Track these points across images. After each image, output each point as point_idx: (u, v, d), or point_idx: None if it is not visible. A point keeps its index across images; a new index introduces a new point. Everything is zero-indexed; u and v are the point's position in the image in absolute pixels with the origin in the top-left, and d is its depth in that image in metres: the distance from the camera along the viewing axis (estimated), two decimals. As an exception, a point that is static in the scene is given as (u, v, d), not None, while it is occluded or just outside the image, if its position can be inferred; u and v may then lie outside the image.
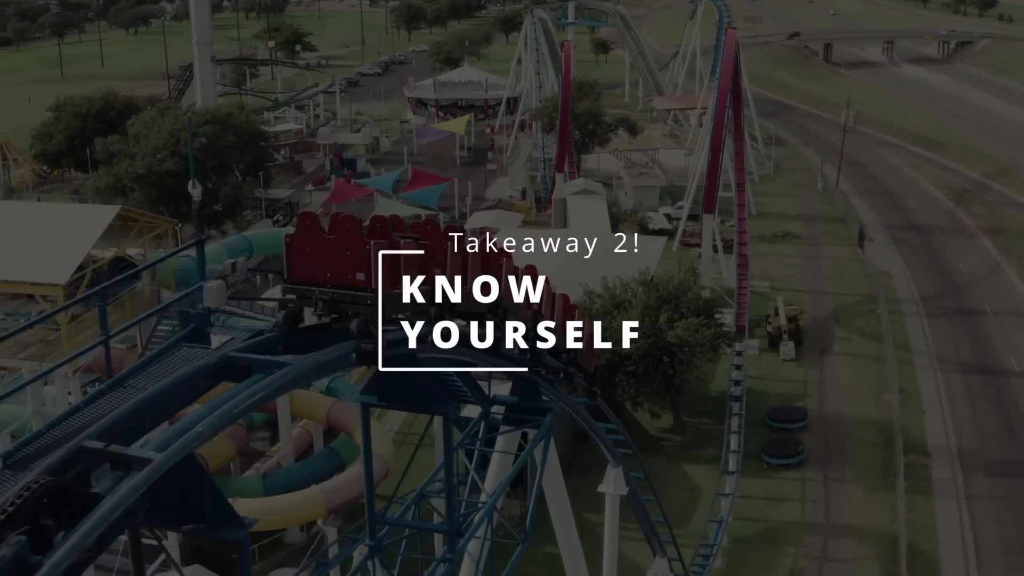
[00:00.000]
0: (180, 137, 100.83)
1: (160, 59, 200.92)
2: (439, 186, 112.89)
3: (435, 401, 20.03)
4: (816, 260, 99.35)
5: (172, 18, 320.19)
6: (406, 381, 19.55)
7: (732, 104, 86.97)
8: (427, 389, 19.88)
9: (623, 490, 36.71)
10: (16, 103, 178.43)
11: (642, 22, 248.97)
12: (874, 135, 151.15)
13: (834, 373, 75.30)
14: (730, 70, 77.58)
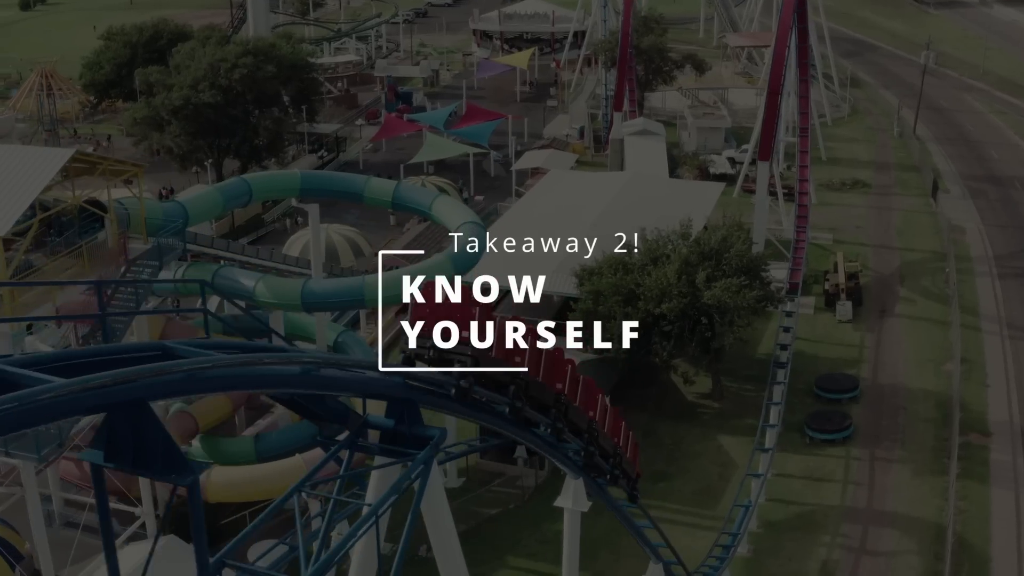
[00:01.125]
0: (220, 68, 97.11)
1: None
2: (492, 123, 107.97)
3: (173, 467, 15.39)
4: (885, 211, 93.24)
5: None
6: (139, 440, 15.05)
7: (797, 42, 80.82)
8: (163, 452, 15.31)
9: (583, 507, 31.96)
10: (80, 31, 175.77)
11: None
12: (958, 78, 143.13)
13: (893, 338, 69.78)
14: (792, 4, 71.47)
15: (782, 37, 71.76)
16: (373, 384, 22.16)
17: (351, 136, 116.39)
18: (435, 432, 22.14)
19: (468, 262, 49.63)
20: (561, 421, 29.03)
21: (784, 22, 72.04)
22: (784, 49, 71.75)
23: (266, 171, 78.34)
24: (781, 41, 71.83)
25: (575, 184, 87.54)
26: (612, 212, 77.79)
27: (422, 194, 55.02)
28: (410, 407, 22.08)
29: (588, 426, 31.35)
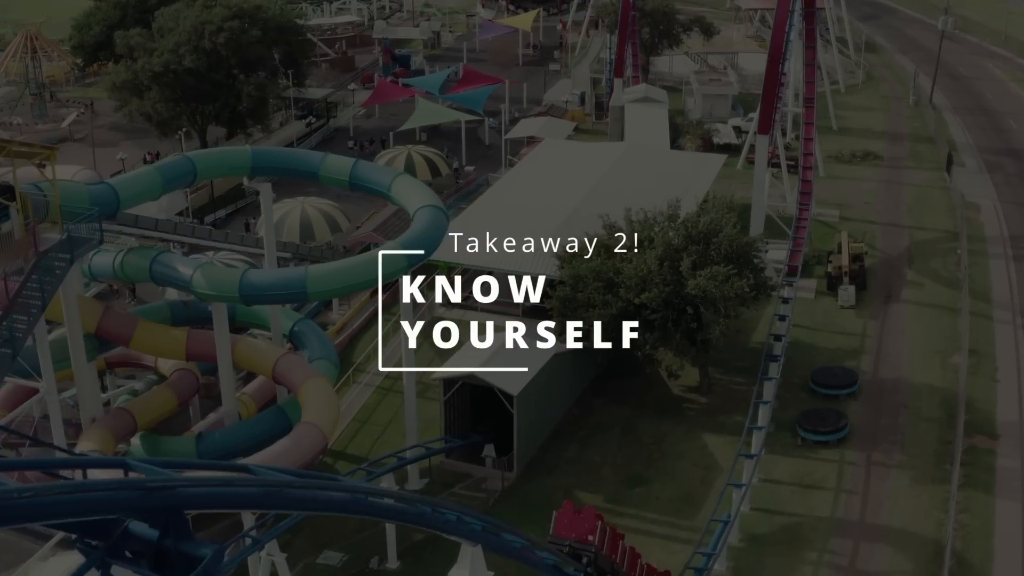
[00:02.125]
0: (204, 31, 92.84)
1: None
2: (488, 88, 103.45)
3: None
4: (896, 186, 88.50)
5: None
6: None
7: (803, 6, 75.94)
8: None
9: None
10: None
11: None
12: (978, 44, 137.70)
13: (898, 325, 65.39)
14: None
15: (784, 2, 66.95)
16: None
17: (344, 101, 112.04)
18: (206, 552, 17.96)
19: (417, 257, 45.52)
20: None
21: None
22: (786, 13, 67.04)
23: (213, 148, 73.31)
24: (783, 4, 66.99)
25: (568, 155, 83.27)
26: (603, 186, 73.72)
27: (381, 173, 50.88)
28: (176, 517, 17.80)
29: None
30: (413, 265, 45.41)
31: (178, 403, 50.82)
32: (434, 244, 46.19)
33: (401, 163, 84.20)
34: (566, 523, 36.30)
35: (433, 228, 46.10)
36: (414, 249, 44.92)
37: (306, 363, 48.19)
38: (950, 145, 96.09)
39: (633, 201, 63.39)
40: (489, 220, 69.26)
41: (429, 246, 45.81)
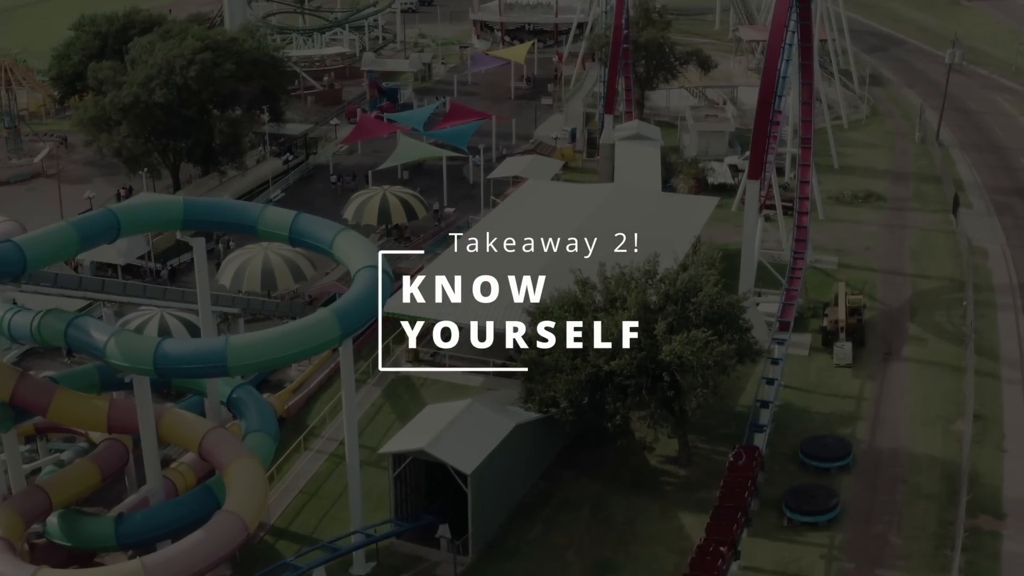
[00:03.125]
0: (175, 65, 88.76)
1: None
2: (473, 124, 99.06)
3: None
4: (899, 229, 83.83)
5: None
6: None
7: (800, 40, 71.39)
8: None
9: None
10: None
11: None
12: (988, 77, 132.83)
13: (898, 387, 60.61)
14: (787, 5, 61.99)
15: (775, 36, 62.30)
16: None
17: (326, 136, 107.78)
18: None
19: (358, 318, 40.92)
20: None
21: (779, 18, 62.51)
22: (779, 48, 62.32)
23: (142, 198, 68.38)
24: (775, 40, 62.37)
25: (551, 197, 78.90)
26: (584, 233, 69.10)
27: (323, 228, 46.28)
28: None
29: None
30: (349, 334, 40.82)
31: (102, 478, 46.43)
32: (372, 311, 41.66)
33: (375, 205, 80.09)
34: None
35: (373, 292, 41.50)
36: (350, 317, 40.30)
37: (235, 440, 43.56)
38: (957, 185, 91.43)
39: (614, 250, 59.22)
40: (459, 269, 65.03)
41: (366, 313, 41.23)
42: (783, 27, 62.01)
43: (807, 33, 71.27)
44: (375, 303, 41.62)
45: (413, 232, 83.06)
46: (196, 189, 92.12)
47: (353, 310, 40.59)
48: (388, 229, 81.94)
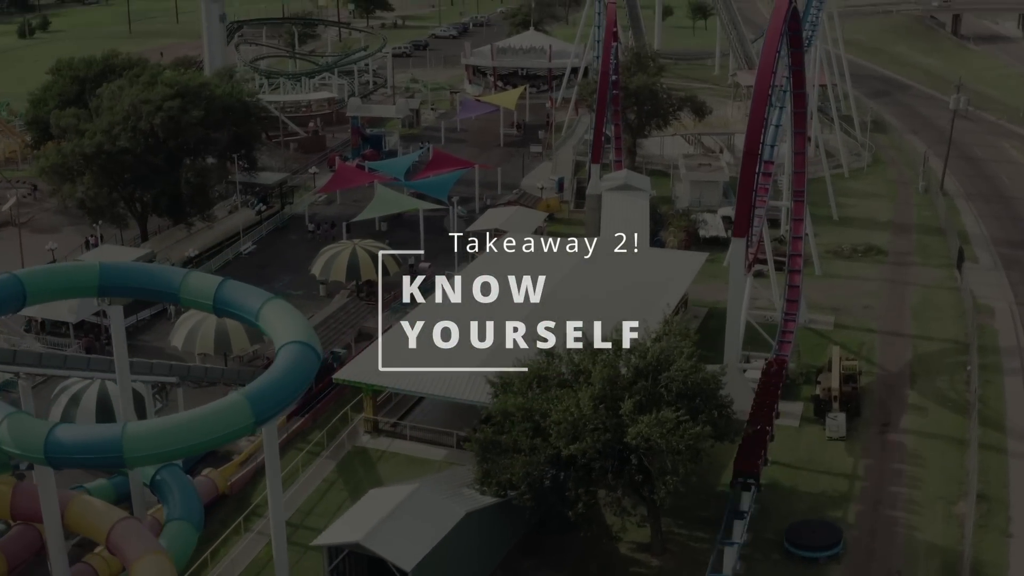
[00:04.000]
0: (141, 111, 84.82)
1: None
2: (455, 173, 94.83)
3: None
4: (900, 286, 79.18)
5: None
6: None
7: (792, 87, 67.07)
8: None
9: None
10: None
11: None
12: (995, 123, 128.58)
13: (895, 463, 55.84)
14: (776, 42, 57.43)
15: (762, 83, 57.75)
16: None
17: (305, 186, 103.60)
18: None
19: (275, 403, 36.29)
20: None
21: (765, 63, 57.98)
22: (765, 97, 57.75)
23: (51, 265, 63.57)
24: (761, 87, 57.83)
25: (530, 252, 74.34)
26: (560, 293, 64.80)
27: (250, 297, 41.69)
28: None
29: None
30: (265, 421, 36.17)
31: (7, 568, 41.81)
32: (292, 394, 37.02)
33: (344, 260, 75.85)
34: None
35: (295, 374, 36.90)
36: (266, 401, 35.69)
37: (144, 534, 38.91)
38: (962, 237, 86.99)
39: (590, 313, 54.81)
40: (423, 332, 60.73)
41: (285, 397, 36.59)
42: (770, 73, 57.57)
43: (800, 79, 66.87)
44: (296, 385, 37.00)
45: (385, 288, 78.59)
46: (163, 241, 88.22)
47: (269, 394, 35.93)
48: (359, 285, 77.45)
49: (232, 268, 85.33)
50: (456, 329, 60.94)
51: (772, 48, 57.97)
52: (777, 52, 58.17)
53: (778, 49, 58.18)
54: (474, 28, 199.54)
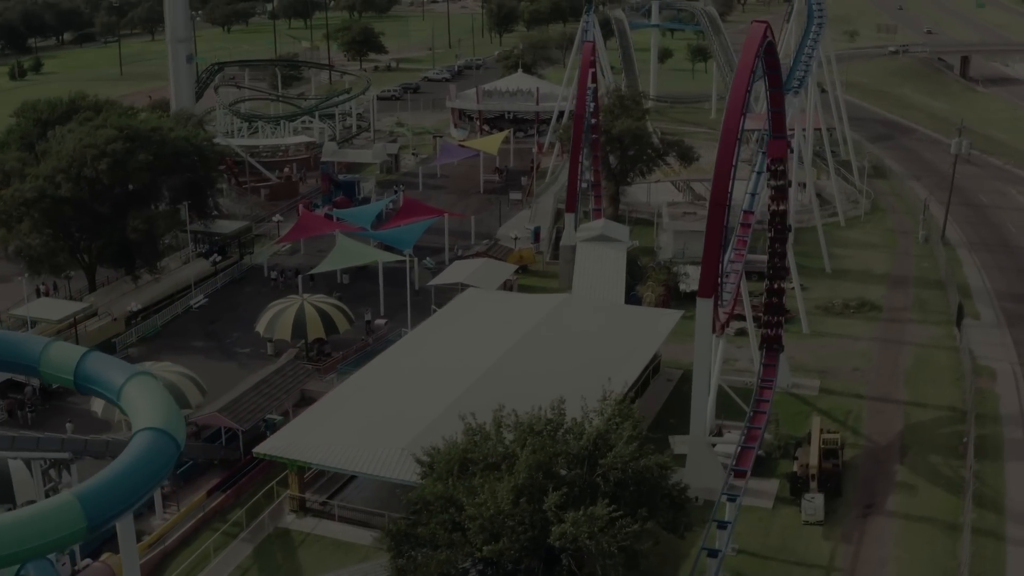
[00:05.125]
0: (86, 156, 79.59)
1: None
2: (423, 223, 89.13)
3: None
4: (894, 345, 73.14)
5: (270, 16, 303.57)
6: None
7: (772, 130, 61.40)
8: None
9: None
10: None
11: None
12: (1002, 167, 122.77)
13: (878, 551, 49.63)
14: (746, 79, 51.66)
15: (729, 128, 51.90)
16: None
17: (269, 234, 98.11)
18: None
19: (115, 504, 30.39)
20: None
21: (732, 106, 52.17)
22: (732, 144, 51.91)
23: None
24: (729, 131, 51.92)
25: (490, 310, 69.02)
26: (513, 358, 59.17)
27: (114, 371, 35.77)
28: None
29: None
30: (101, 526, 30.23)
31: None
32: (138, 492, 31.06)
33: (290, 317, 70.18)
34: None
35: (142, 468, 31.00)
36: (103, 502, 29.78)
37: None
38: (963, 290, 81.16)
39: (542, 381, 49.33)
40: (359, 400, 55.13)
41: (127, 497, 30.64)
42: (739, 114, 51.76)
43: (779, 122, 61.14)
44: (143, 482, 31.08)
45: (335, 347, 73.01)
46: (108, 293, 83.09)
47: (108, 493, 30.01)
48: (307, 344, 71.77)
49: (180, 323, 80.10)
50: (395, 397, 55.56)
51: (742, 86, 52.20)
52: (749, 91, 52.30)
53: (749, 88, 52.28)
54: (468, 71, 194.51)
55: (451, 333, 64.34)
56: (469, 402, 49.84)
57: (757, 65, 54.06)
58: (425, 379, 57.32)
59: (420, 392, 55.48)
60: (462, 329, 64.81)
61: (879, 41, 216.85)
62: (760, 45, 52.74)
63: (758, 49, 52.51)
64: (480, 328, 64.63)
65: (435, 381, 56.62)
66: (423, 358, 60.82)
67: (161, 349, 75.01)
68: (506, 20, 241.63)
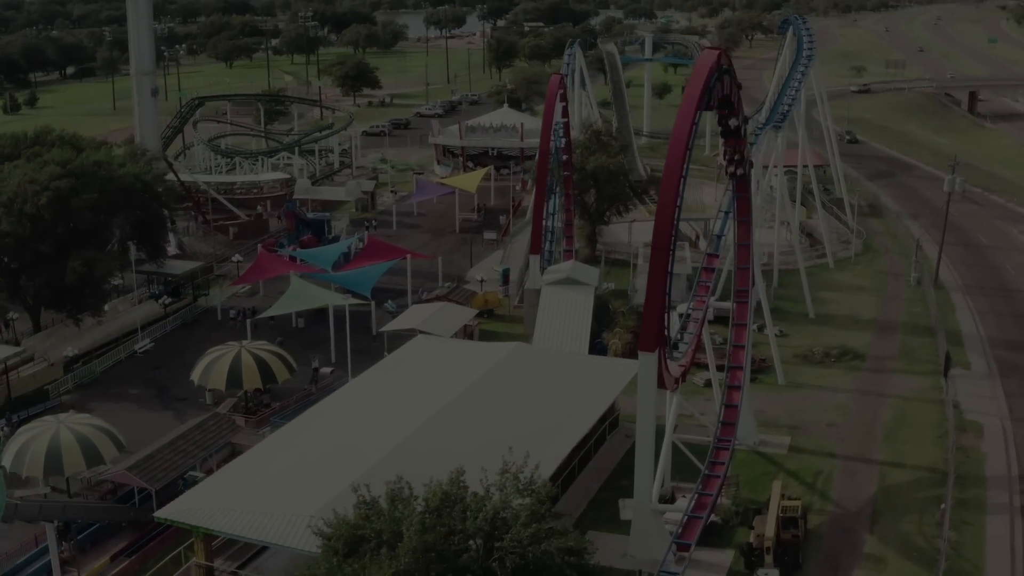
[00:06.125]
0: (27, 192, 75.53)
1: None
2: (383, 265, 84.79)
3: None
4: (875, 398, 68.10)
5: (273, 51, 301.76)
6: None
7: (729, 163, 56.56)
8: None
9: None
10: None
11: (767, 63, 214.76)
12: (1004, 205, 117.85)
13: (837, 635, 44.46)
14: (690, 119, 46.76)
15: (671, 167, 46.99)
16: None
17: (229, 274, 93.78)
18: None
19: None
20: None
21: (676, 139, 47.27)
22: (676, 182, 46.91)
23: None
24: (671, 171, 47.01)
25: (435, 359, 64.26)
26: (453, 411, 54.39)
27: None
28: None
29: None
30: None
31: None
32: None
33: (225, 366, 65.65)
34: None
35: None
36: None
37: None
38: (954, 337, 76.27)
39: (476, 441, 45.02)
40: (278, 460, 50.61)
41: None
42: (683, 151, 46.97)
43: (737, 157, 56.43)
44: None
45: (278, 396, 68.48)
46: (50, 336, 79.22)
47: None
48: (247, 395, 67.22)
49: (121, 369, 75.96)
50: (316, 456, 50.93)
51: (687, 119, 47.35)
52: (695, 123, 47.58)
53: (696, 120, 47.57)
54: (463, 106, 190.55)
55: (389, 385, 59.69)
56: (390, 465, 45.18)
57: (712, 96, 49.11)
58: (351, 436, 52.74)
59: (342, 451, 50.82)
60: (401, 381, 60.15)
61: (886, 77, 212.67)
62: (711, 74, 47.97)
63: (708, 79, 47.70)
64: (420, 380, 59.96)
65: (361, 439, 52.02)
66: (355, 412, 56.27)
67: (95, 397, 70.93)
68: (506, 55, 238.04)
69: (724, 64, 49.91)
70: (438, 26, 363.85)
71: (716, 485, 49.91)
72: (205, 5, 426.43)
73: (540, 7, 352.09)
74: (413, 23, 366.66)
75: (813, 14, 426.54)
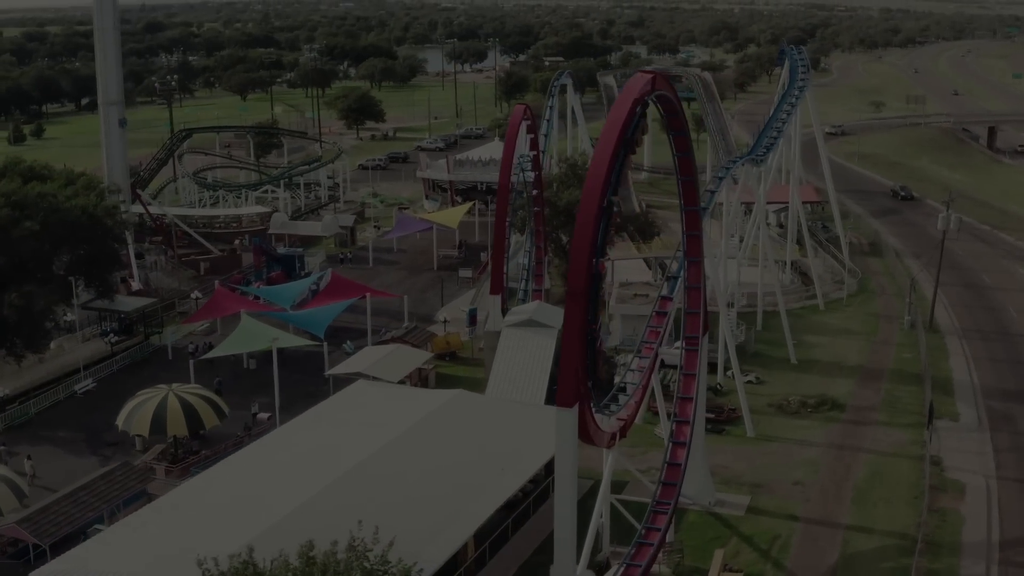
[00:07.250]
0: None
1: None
2: (340, 304, 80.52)
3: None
4: (850, 453, 63.02)
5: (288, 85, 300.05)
6: None
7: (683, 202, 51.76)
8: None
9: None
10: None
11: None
12: (1014, 244, 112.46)
13: None
14: (610, 151, 41.45)
15: (587, 203, 41.99)
16: None
17: (189, 310, 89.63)
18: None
19: None
20: None
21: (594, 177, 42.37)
22: (592, 222, 41.65)
23: None
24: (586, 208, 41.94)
25: (369, 407, 59.71)
26: (366, 470, 49.82)
27: None
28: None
29: None
30: None
31: None
32: None
33: (149, 411, 61.27)
34: None
35: None
36: None
37: None
38: (944, 386, 71.51)
39: (388, 497, 40.69)
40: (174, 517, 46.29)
41: None
42: (602, 186, 41.94)
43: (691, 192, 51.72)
44: None
45: (208, 443, 64.12)
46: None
47: None
48: (176, 440, 62.87)
49: (57, 410, 72.01)
50: (214, 514, 46.42)
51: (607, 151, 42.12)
52: (618, 156, 42.73)
53: (618, 154, 42.64)
54: (466, 140, 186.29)
55: (314, 434, 55.18)
56: (292, 524, 41.62)
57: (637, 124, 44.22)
58: (260, 489, 48.26)
59: (246, 506, 46.33)
60: (329, 429, 55.66)
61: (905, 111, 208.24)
62: (638, 100, 43.11)
63: (634, 106, 42.81)
64: (348, 429, 55.42)
65: (269, 492, 47.49)
66: (272, 462, 51.76)
67: (23, 440, 66.84)
68: (516, 88, 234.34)
69: (660, 88, 45.15)
70: (459, 60, 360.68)
71: (648, 554, 44.92)
72: (229, 38, 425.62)
73: (562, 42, 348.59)
74: (435, 58, 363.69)
75: (838, 50, 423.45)
